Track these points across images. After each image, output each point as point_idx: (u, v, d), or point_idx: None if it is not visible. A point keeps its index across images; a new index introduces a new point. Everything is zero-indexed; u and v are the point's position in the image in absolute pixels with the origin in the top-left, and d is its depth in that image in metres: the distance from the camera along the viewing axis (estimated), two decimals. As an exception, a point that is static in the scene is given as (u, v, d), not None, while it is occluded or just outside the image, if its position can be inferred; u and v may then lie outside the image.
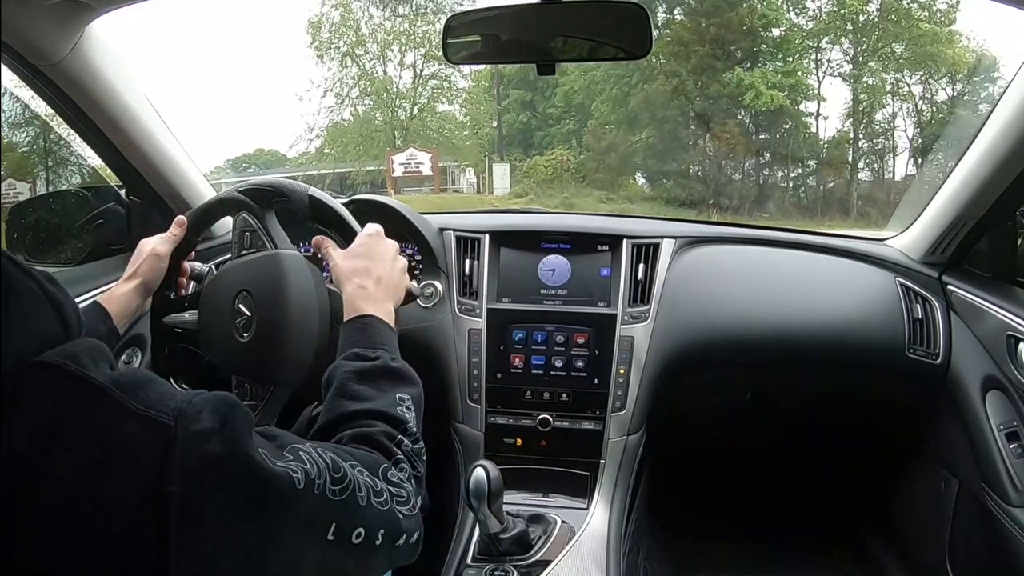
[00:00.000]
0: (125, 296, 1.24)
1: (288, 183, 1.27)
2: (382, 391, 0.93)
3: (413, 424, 0.92)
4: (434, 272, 1.78)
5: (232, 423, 0.65)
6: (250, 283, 1.20)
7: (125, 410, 0.60)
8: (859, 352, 1.74)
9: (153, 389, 0.63)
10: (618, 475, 1.67)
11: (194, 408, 0.63)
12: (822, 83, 17.85)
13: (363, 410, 0.89)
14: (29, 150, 4.42)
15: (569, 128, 20.61)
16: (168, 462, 0.59)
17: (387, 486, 0.80)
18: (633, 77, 18.55)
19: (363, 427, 0.87)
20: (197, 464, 0.61)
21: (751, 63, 17.72)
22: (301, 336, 1.17)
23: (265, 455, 0.67)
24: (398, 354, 1.02)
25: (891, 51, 17.21)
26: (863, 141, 17.94)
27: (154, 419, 0.60)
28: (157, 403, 0.62)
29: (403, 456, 0.87)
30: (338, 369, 0.96)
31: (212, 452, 0.62)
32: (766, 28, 17.84)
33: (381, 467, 0.82)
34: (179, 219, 1.32)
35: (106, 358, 0.65)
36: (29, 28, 1.29)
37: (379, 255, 1.14)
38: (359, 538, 0.74)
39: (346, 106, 20.96)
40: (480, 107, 21.95)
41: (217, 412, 0.65)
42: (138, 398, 0.61)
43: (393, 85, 20.71)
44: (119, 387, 0.61)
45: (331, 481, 0.72)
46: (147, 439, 0.59)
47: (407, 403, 0.94)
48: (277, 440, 0.73)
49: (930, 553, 1.83)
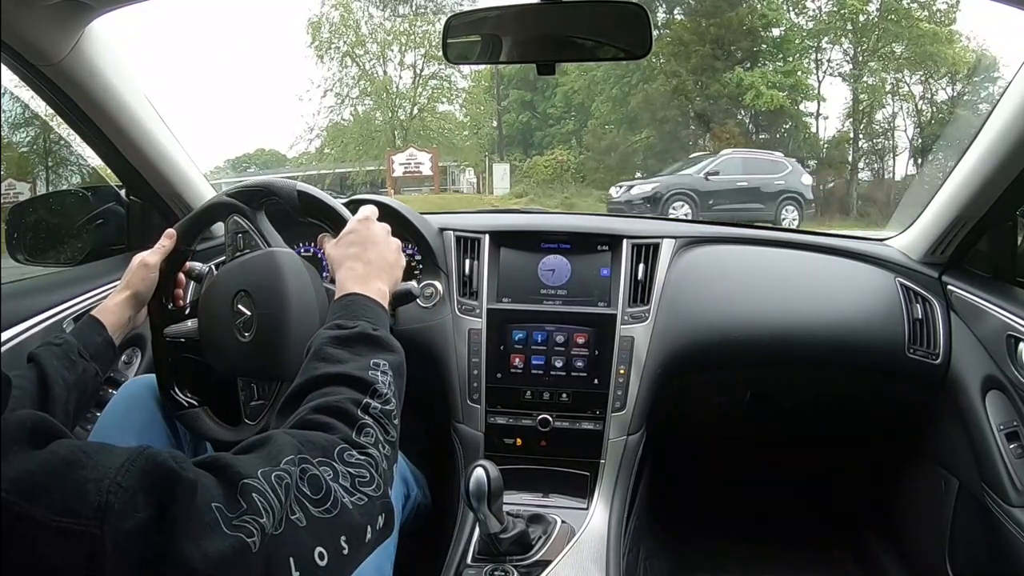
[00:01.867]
0: (118, 307, 1.27)
1: (275, 180, 1.28)
2: (357, 355, 0.91)
3: (385, 386, 0.89)
4: (434, 272, 1.78)
5: (173, 505, 0.56)
6: (247, 283, 1.20)
7: (39, 524, 0.50)
8: (859, 352, 1.74)
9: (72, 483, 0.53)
10: (618, 475, 1.66)
11: (125, 494, 0.53)
12: (822, 83, 17.94)
13: (331, 374, 0.87)
14: (29, 150, 4.42)
15: (569, 128, 20.65)
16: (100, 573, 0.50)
17: (345, 468, 0.75)
18: (633, 77, 18.58)
19: (325, 396, 0.84)
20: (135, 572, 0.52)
21: (751, 63, 17.74)
22: (303, 330, 1.17)
23: (219, 513, 0.60)
24: (384, 326, 1.01)
25: (891, 51, 17.23)
26: (863, 141, 17.99)
27: (71, 529, 0.50)
28: (76, 504, 0.51)
29: (370, 421, 0.83)
30: (317, 338, 0.95)
31: (150, 554, 0.53)
32: (766, 28, 17.87)
33: (337, 448, 0.76)
34: (169, 231, 1.33)
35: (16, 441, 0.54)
36: (29, 28, 1.29)
37: (369, 238, 1.14)
38: (323, 559, 0.68)
39: (346, 106, 21.07)
40: (480, 107, 22.01)
41: (154, 492, 0.55)
42: (52, 503, 0.51)
43: (393, 85, 20.78)
44: (26, 494, 0.50)
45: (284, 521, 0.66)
46: (68, 555, 0.50)
47: (382, 367, 0.91)
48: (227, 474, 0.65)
49: (930, 553, 1.83)
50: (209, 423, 1.31)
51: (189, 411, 1.31)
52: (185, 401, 1.32)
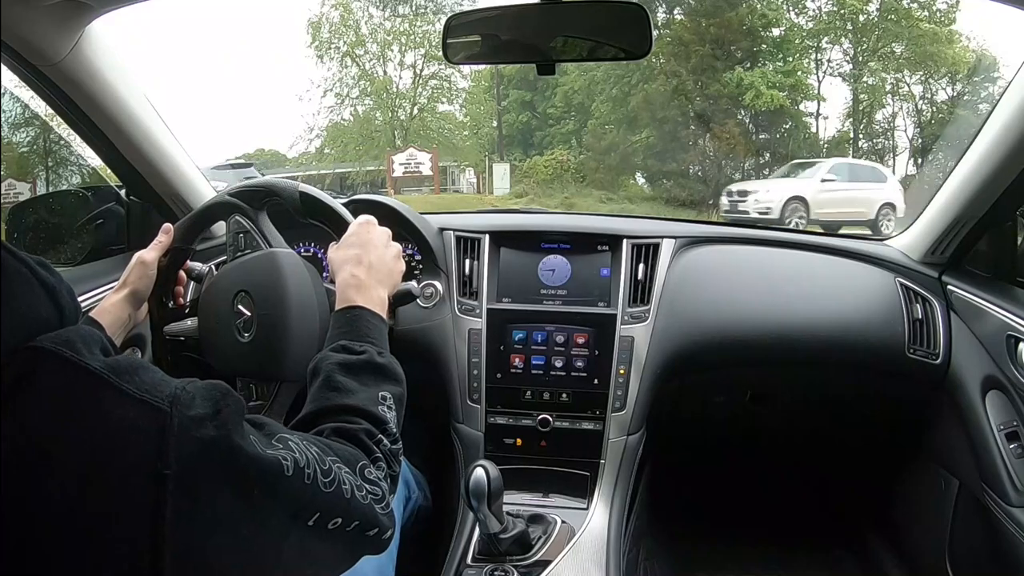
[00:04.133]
0: (116, 307, 1.25)
1: (277, 181, 1.28)
2: (365, 386, 0.94)
3: (393, 424, 0.94)
4: (434, 272, 1.78)
5: (225, 410, 0.66)
6: (248, 283, 1.20)
7: (122, 395, 0.61)
8: (859, 352, 1.74)
9: (148, 375, 0.64)
10: (618, 475, 1.66)
11: (188, 395, 0.64)
12: (822, 83, 17.90)
13: (347, 405, 0.90)
14: (29, 150, 4.42)
15: (569, 128, 20.61)
16: (164, 445, 0.60)
17: (364, 483, 0.82)
18: (633, 77, 18.54)
19: (345, 423, 0.88)
20: (192, 447, 0.62)
21: (751, 63, 17.72)
22: (302, 331, 1.17)
23: (256, 441, 0.69)
24: (386, 347, 1.03)
25: (891, 51, 17.22)
26: (863, 141, 17.97)
27: (150, 403, 0.61)
28: (152, 388, 0.63)
29: (381, 455, 0.88)
30: (324, 360, 0.96)
31: (206, 436, 0.63)
32: (766, 28, 17.84)
33: (359, 464, 0.83)
34: (165, 226, 1.33)
35: (99, 343, 0.65)
36: (29, 28, 1.29)
37: (370, 242, 1.14)
38: (335, 525, 0.76)
39: (346, 106, 20.98)
40: (480, 107, 21.95)
41: (210, 399, 0.66)
42: (134, 383, 0.62)
43: (393, 85, 20.71)
44: (115, 372, 0.61)
45: (321, 473, 0.74)
46: (144, 423, 0.60)
47: (388, 401, 0.95)
48: (266, 428, 0.74)
49: (930, 553, 1.83)
50: None
51: None
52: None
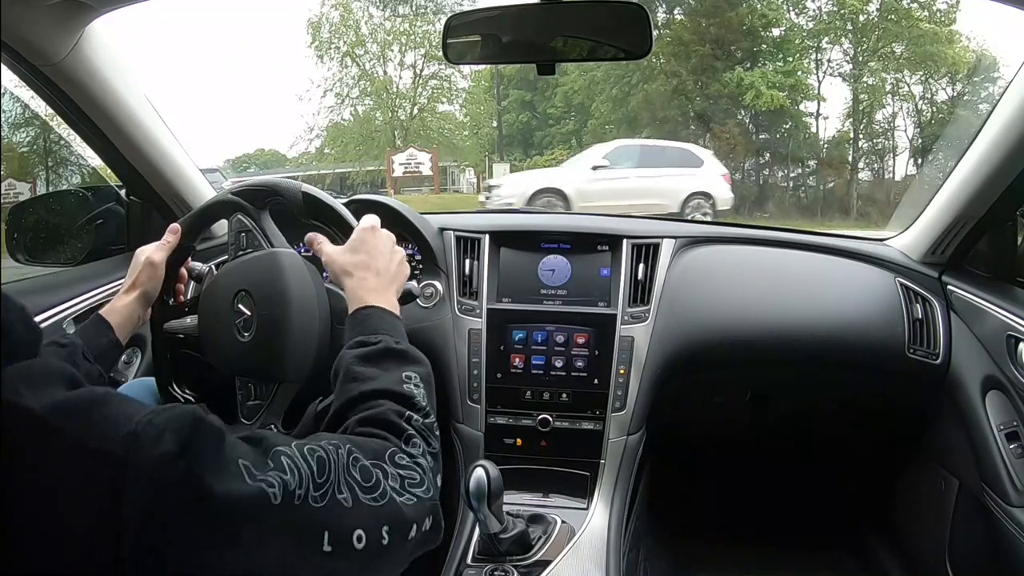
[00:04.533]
0: (127, 308, 1.25)
1: (281, 181, 1.28)
2: (386, 370, 0.92)
3: (422, 399, 0.91)
4: (434, 272, 1.78)
5: (196, 443, 0.59)
6: (248, 282, 1.20)
7: (69, 442, 0.54)
8: (859, 352, 1.74)
9: (106, 411, 0.57)
10: (618, 475, 1.66)
11: (153, 429, 0.57)
12: (822, 83, 17.85)
13: (368, 391, 0.88)
14: (29, 150, 4.42)
15: (569, 128, 20.62)
16: (118, 499, 0.53)
17: (396, 470, 0.77)
18: (633, 77, 18.54)
19: (369, 408, 0.86)
20: (152, 495, 0.55)
21: (751, 63, 17.70)
22: (302, 332, 1.17)
23: (245, 468, 0.63)
24: (404, 338, 1.02)
25: (891, 51, 17.19)
26: (863, 141, 17.94)
27: (101, 450, 0.54)
28: (108, 429, 0.55)
29: (415, 431, 0.85)
30: (343, 358, 0.95)
31: (171, 480, 0.56)
32: (766, 28, 17.83)
33: (388, 451, 0.79)
34: (173, 226, 1.33)
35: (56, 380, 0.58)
36: (29, 28, 1.29)
37: (376, 247, 1.13)
38: (361, 542, 0.69)
39: (346, 106, 20.98)
40: (480, 107, 21.95)
41: (181, 431, 0.58)
42: (86, 426, 0.55)
43: (393, 85, 20.71)
44: (64, 414, 0.54)
45: (314, 487, 0.67)
46: (94, 474, 0.54)
47: (414, 380, 0.92)
48: (263, 444, 0.68)
49: (930, 553, 1.83)
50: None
51: None
52: (182, 397, 1.32)
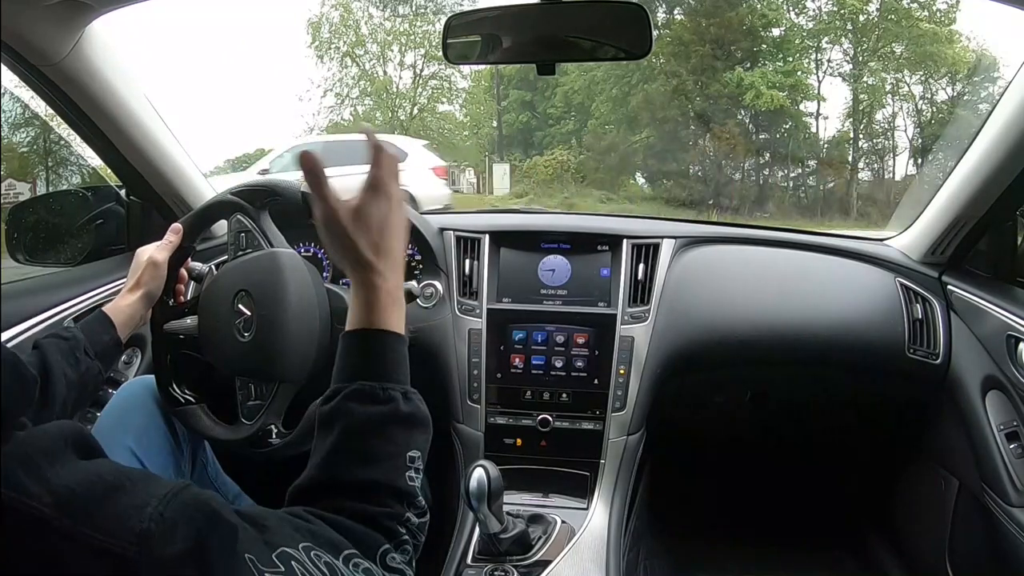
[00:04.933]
0: (130, 307, 1.27)
1: (280, 181, 1.28)
2: (391, 448, 0.81)
3: (419, 491, 0.82)
4: (434, 272, 1.77)
5: (211, 539, 0.57)
6: (248, 282, 1.20)
7: (76, 541, 0.51)
8: (859, 352, 1.74)
9: (115, 506, 0.54)
10: (618, 475, 1.66)
11: (165, 524, 0.54)
12: (822, 83, 17.80)
13: (369, 482, 0.78)
14: (29, 150, 4.42)
15: (569, 128, 20.57)
16: None
17: (384, 572, 0.73)
18: (633, 77, 18.51)
19: (368, 503, 0.77)
20: None
21: (751, 63, 17.67)
22: (302, 332, 1.17)
23: (251, 562, 0.60)
24: (408, 379, 0.88)
25: (891, 51, 17.16)
26: (863, 141, 17.90)
27: (111, 551, 0.52)
28: (116, 527, 0.53)
29: (407, 535, 0.78)
30: (339, 413, 0.81)
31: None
32: (766, 28, 17.79)
33: (381, 550, 0.74)
34: (174, 226, 1.34)
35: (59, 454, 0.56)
36: (29, 28, 1.29)
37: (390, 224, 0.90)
38: None
39: (346, 106, 20.94)
40: (480, 107, 21.93)
41: (193, 526, 0.56)
42: (93, 522, 0.52)
43: (393, 85, 20.70)
44: (69, 511, 0.52)
45: None
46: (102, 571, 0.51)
47: (416, 463, 0.82)
48: (266, 533, 0.64)
49: (930, 553, 1.83)
50: (206, 420, 1.31)
51: (186, 408, 1.31)
52: (182, 398, 1.32)
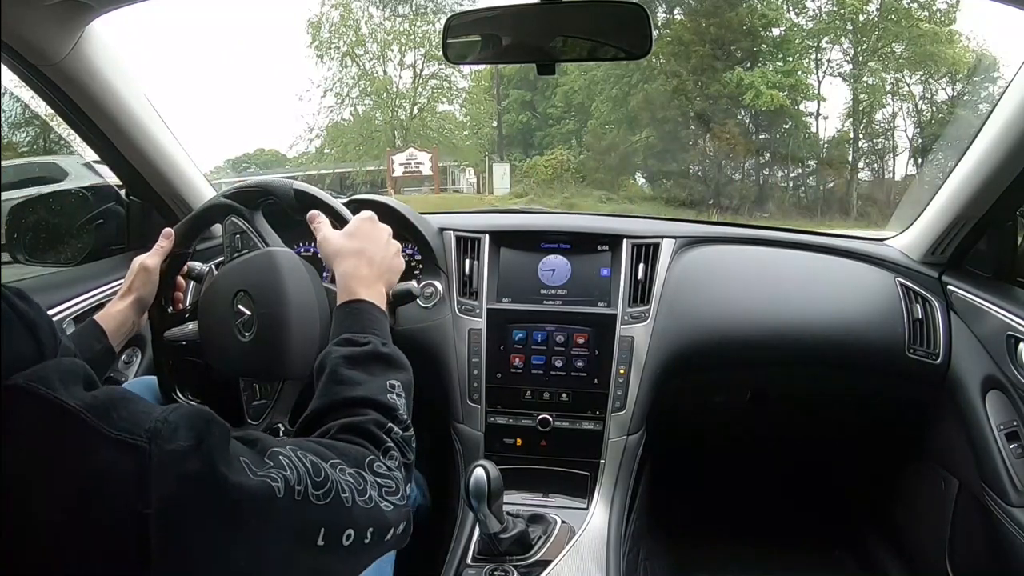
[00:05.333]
0: (121, 313, 1.26)
1: (272, 180, 1.28)
2: (372, 375, 0.93)
3: (403, 411, 0.92)
4: (434, 272, 1.78)
5: (208, 439, 0.64)
6: (247, 282, 1.20)
7: (98, 435, 0.58)
8: (859, 352, 1.74)
9: (127, 409, 0.62)
10: (618, 475, 1.66)
11: (169, 426, 0.62)
12: (822, 83, 17.82)
13: (354, 397, 0.89)
14: (29, 150, 4.42)
15: (569, 128, 20.58)
16: (144, 485, 0.58)
17: (374, 478, 0.80)
18: (633, 77, 18.52)
19: (353, 416, 0.87)
20: (174, 485, 0.60)
21: (751, 63, 17.68)
22: (303, 328, 1.17)
23: (246, 464, 0.67)
24: (389, 338, 1.03)
25: (891, 51, 17.17)
26: (863, 141, 17.91)
27: (127, 442, 0.59)
28: (131, 425, 0.60)
29: (393, 444, 0.87)
30: (329, 355, 0.96)
31: (189, 471, 0.61)
32: (766, 28, 17.80)
33: (367, 459, 0.82)
34: (166, 231, 1.34)
35: (80, 378, 0.63)
36: (29, 28, 1.29)
37: (373, 236, 1.14)
38: (348, 539, 0.74)
39: (346, 106, 20.95)
40: (480, 107, 21.93)
41: (193, 428, 0.63)
42: (111, 421, 0.59)
43: (393, 85, 20.70)
44: (91, 410, 0.59)
45: (313, 486, 0.72)
46: (122, 463, 0.58)
47: (397, 389, 0.94)
48: (258, 445, 0.72)
49: (930, 553, 1.83)
50: None
51: None
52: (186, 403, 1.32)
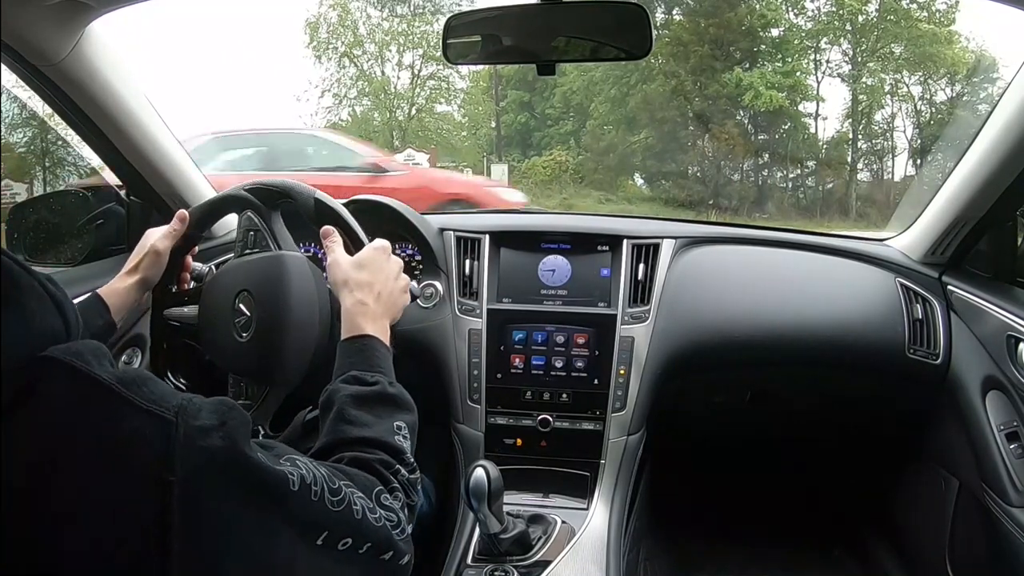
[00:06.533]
0: (125, 290, 1.26)
1: (295, 184, 1.26)
2: (380, 418, 0.94)
3: (409, 453, 0.93)
4: (434, 272, 1.78)
5: (230, 422, 0.67)
6: (251, 283, 1.20)
7: (129, 404, 0.62)
8: (859, 352, 1.74)
9: (155, 386, 0.66)
10: (618, 475, 1.66)
11: (194, 406, 0.66)
12: (821, 83, 17.81)
13: (362, 437, 0.90)
14: (27, 151, 4.41)
15: (567, 129, 20.54)
16: (170, 454, 0.62)
17: (380, 509, 0.81)
18: (632, 77, 18.50)
19: (361, 452, 0.88)
20: (197, 456, 0.63)
21: (750, 63, 17.66)
22: (300, 339, 1.17)
23: (263, 456, 0.69)
24: (394, 376, 1.03)
25: (890, 51, 17.15)
26: (862, 142, 17.91)
27: (156, 413, 0.63)
28: (159, 399, 0.64)
29: (398, 485, 0.87)
30: (337, 393, 0.96)
31: (212, 446, 0.64)
32: (765, 28, 17.78)
33: (375, 490, 0.83)
34: (181, 213, 1.33)
35: (106, 357, 0.67)
36: (29, 28, 1.29)
37: (383, 270, 1.13)
38: (344, 546, 0.75)
39: (344, 107, 20.91)
40: (478, 108, 21.87)
41: (216, 412, 0.67)
42: (141, 393, 0.63)
43: (391, 85, 20.67)
44: (123, 383, 0.63)
45: (329, 492, 0.74)
46: (150, 432, 0.62)
47: (404, 431, 0.94)
48: (274, 450, 0.75)
49: (930, 553, 1.83)
50: None
51: None
52: (174, 385, 1.32)
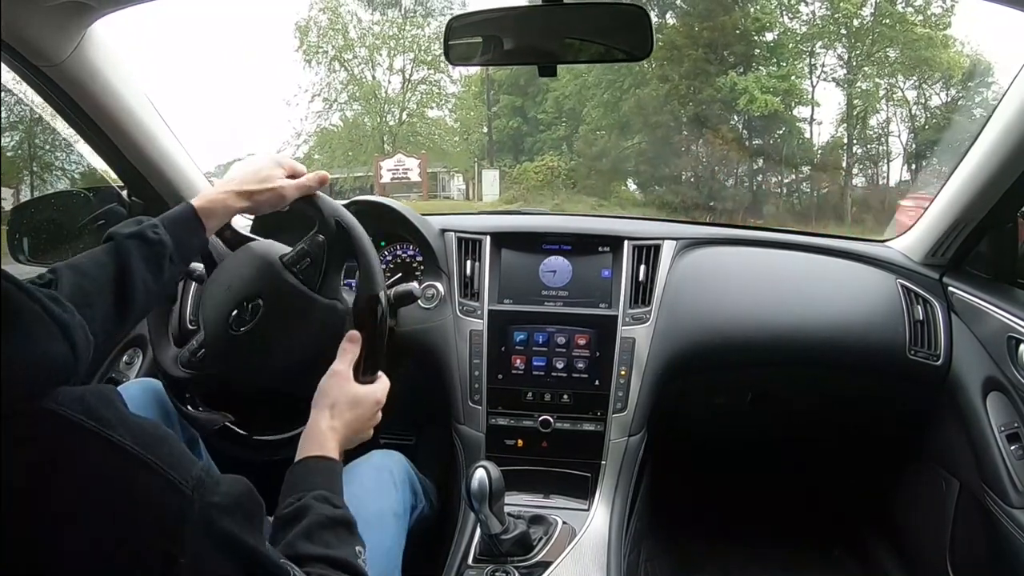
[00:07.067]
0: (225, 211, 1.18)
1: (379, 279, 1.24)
2: (343, 541, 0.95)
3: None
4: (435, 273, 1.78)
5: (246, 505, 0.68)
6: (270, 304, 1.21)
7: (147, 467, 0.61)
8: (860, 354, 1.75)
9: (174, 447, 0.65)
10: (619, 476, 1.66)
11: (212, 480, 0.65)
12: (816, 88, 17.86)
13: (329, 556, 0.90)
14: (14, 155, 4.40)
15: (560, 134, 20.53)
16: (181, 532, 0.61)
17: None
18: (625, 82, 18.51)
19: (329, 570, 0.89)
20: (209, 542, 0.63)
21: (745, 67, 17.68)
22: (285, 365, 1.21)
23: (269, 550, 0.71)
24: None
25: (885, 56, 17.20)
26: (857, 146, 17.96)
27: (176, 483, 0.62)
28: (178, 466, 0.63)
29: None
30: (309, 509, 0.96)
31: (225, 530, 0.64)
32: (760, 32, 17.81)
33: None
34: (323, 175, 1.26)
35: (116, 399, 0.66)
36: (31, 29, 1.29)
37: (368, 417, 1.16)
38: None
39: (334, 111, 20.86)
40: (470, 112, 21.84)
41: (233, 492, 0.67)
42: (160, 455, 0.63)
43: (382, 90, 20.65)
44: (140, 444, 0.62)
45: None
46: (167, 501, 0.61)
47: (362, 556, 0.96)
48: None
49: (930, 553, 1.83)
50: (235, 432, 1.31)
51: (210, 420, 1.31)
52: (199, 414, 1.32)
